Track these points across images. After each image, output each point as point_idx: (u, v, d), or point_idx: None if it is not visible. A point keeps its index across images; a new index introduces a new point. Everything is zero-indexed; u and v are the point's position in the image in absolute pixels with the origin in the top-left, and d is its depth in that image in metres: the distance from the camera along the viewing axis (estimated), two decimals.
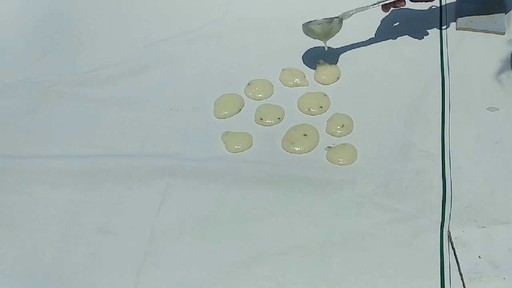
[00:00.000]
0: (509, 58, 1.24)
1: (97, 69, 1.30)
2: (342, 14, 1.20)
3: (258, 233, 1.01)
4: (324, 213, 1.03)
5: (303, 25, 1.22)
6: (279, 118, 1.18)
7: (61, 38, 1.39)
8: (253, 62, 1.29)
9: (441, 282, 0.93)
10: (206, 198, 1.06)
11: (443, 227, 0.99)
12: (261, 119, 1.18)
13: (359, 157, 1.10)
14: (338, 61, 1.28)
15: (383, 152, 1.11)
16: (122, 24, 1.41)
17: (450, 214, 1.01)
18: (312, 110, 1.19)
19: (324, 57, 1.27)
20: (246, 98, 1.22)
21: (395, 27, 1.33)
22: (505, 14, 1.33)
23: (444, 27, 1.32)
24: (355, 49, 1.30)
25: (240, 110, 1.20)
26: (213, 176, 1.09)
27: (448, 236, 0.98)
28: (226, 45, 1.34)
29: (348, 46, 1.30)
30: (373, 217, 1.01)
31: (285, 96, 1.22)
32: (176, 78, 1.27)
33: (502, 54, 1.25)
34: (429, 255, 0.96)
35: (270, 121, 1.18)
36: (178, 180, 1.08)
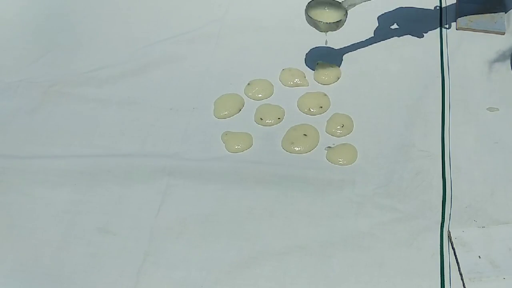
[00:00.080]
0: (509, 58, 1.24)
1: (97, 69, 1.30)
2: (347, 6, 1.16)
3: (258, 233, 1.01)
4: (324, 213, 1.03)
5: (306, 9, 1.16)
6: (279, 118, 1.18)
7: (61, 38, 1.38)
8: (253, 62, 1.29)
9: (441, 282, 0.93)
10: (206, 198, 1.06)
11: (443, 227, 0.99)
12: (261, 119, 1.18)
13: (359, 157, 1.10)
14: (338, 61, 1.28)
15: (383, 152, 1.11)
16: (122, 24, 1.41)
17: (450, 214, 1.01)
18: (312, 110, 1.19)
19: (324, 57, 1.27)
20: (246, 98, 1.22)
21: (395, 27, 1.32)
22: (505, 14, 1.33)
23: (444, 27, 1.32)
24: (355, 49, 1.30)
25: (240, 110, 1.20)
26: (213, 176, 1.09)
27: (448, 236, 0.98)
28: (226, 45, 1.33)
29: (348, 46, 1.30)
30: (373, 217, 1.01)
31: (285, 96, 1.22)
32: (176, 78, 1.27)
33: (502, 54, 1.25)
34: (429, 255, 0.96)
35: (270, 121, 1.18)
36: (178, 180, 1.08)
